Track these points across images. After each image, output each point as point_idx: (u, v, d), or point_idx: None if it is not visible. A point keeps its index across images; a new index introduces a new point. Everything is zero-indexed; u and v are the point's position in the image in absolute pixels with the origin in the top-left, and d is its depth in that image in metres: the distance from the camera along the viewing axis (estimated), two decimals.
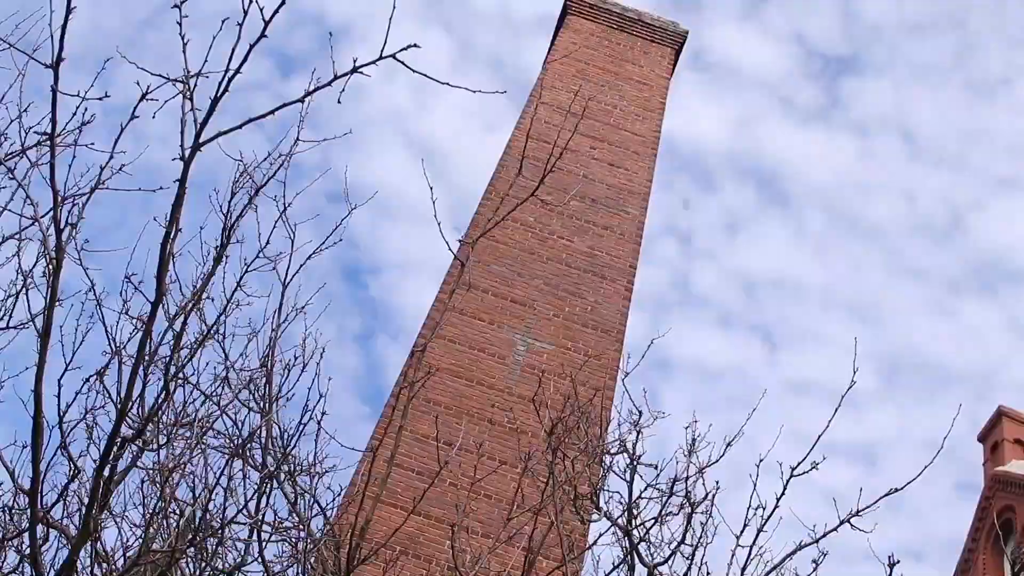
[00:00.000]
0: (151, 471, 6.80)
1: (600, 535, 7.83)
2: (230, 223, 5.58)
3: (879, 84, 62.57)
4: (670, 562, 7.30)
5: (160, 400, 5.85)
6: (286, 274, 6.99)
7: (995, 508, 28.02)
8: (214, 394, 7.11)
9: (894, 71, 62.64)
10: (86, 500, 6.39)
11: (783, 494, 6.86)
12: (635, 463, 7.69)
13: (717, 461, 7.51)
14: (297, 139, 5.13)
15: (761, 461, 6.96)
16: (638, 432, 7.82)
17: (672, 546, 7.37)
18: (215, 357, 7.56)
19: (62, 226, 4.55)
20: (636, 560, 7.27)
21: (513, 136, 16.96)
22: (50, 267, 4.58)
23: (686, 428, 7.63)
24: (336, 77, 4.51)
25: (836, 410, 7.09)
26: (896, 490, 6.76)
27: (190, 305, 5.51)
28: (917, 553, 56.42)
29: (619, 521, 7.46)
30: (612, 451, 7.99)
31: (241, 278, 6.03)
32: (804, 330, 62.88)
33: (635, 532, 7.37)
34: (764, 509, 6.90)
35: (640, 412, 7.90)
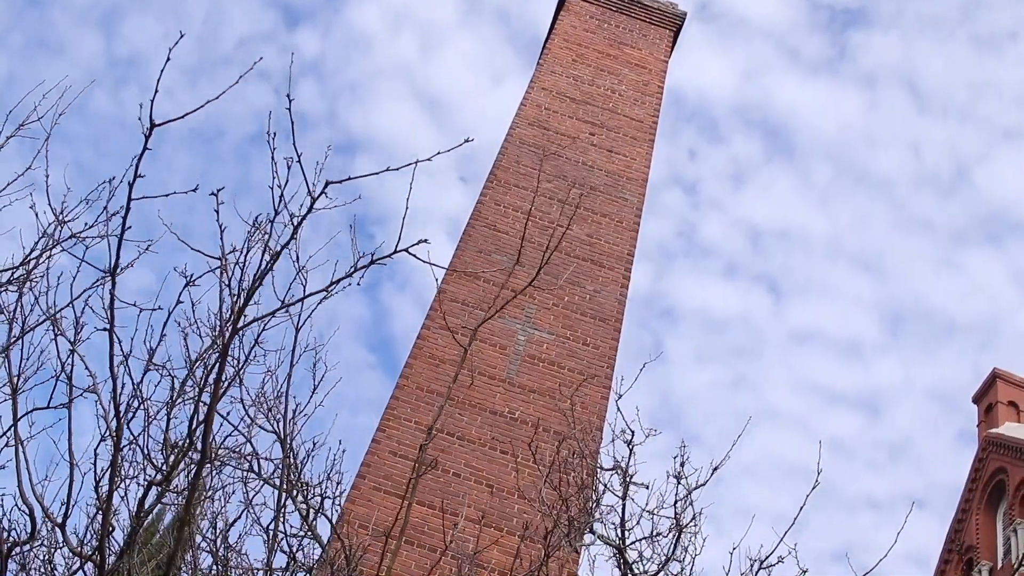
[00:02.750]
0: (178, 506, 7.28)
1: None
2: (249, 286, 5.95)
3: (886, 36, 62.50)
4: None
5: (185, 447, 6.27)
6: (299, 317, 7.37)
7: (988, 469, 28.60)
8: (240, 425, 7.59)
9: (901, 23, 62.53)
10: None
11: None
12: (628, 481, 8.12)
13: (704, 484, 7.95)
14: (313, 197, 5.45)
15: (734, 548, 7.39)
16: (631, 451, 8.25)
17: (662, 561, 7.82)
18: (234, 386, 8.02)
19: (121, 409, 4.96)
20: None
21: (514, 122, 17.24)
22: (112, 437, 4.99)
23: (674, 457, 8.05)
24: (355, 268, 4.88)
25: (808, 496, 7.49)
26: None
27: (210, 367, 5.92)
28: (920, 500, 57.21)
29: (612, 541, 7.90)
30: (606, 467, 8.42)
31: (259, 335, 6.42)
32: (809, 280, 63.34)
33: (628, 551, 7.81)
34: None
35: (632, 432, 8.31)
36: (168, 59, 4.22)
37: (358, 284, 4.95)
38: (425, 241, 4.81)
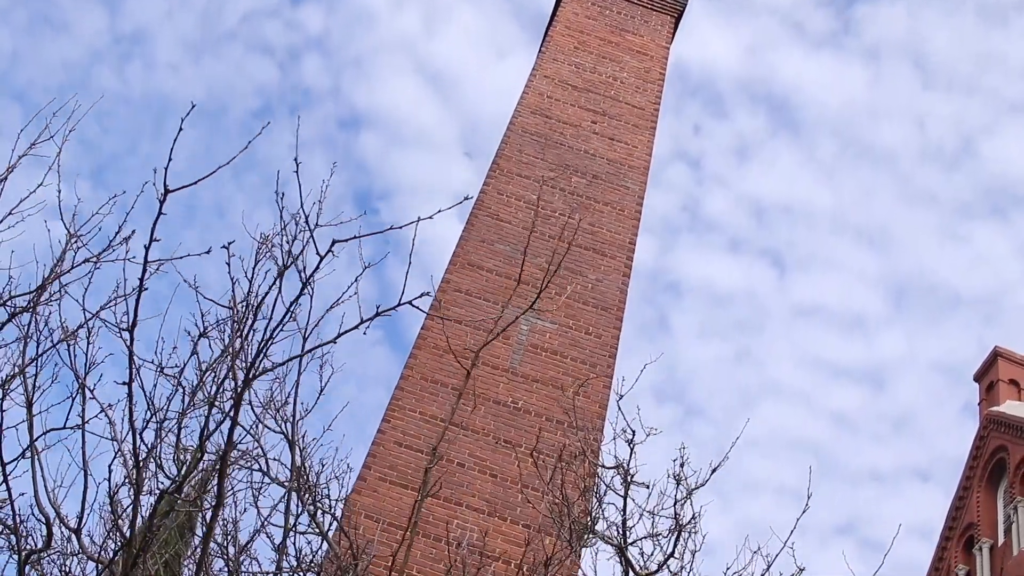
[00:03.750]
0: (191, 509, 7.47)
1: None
2: (255, 303, 6.11)
3: (891, 9, 62.32)
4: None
5: (195, 460, 6.43)
6: (306, 327, 7.52)
7: (989, 447, 28.76)
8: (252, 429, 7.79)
9: None
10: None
11: None
12: (629, 481, 8.29)
13: (704, 484, 8.11)
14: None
15: (728, 568, 7.56)
16: (631, 450, 8.41)
17: (662, 560, 8.00)
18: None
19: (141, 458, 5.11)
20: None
21: (516, 110, 17.34)
22: (132, 480, 5.15)
23: (674, 460, 8.20)
24: (362, 320, 5.04)
25: (799, 519, 7.66)
26: None
27: (219, 384, 6.09)
28: (924, 473, 57.43)
29: (614, 540, 8.07)
30: (607, 465, 8.58)
31: (267, 345, 6.57)
32: (813, 255, 63.43)
33: (629, 550, 7.99)
34: None
35: (633, 432, 8.47)
36: (181, 128, 4.37)
37: (364, 334, 5.12)
38: (427, 294, 4.98)
